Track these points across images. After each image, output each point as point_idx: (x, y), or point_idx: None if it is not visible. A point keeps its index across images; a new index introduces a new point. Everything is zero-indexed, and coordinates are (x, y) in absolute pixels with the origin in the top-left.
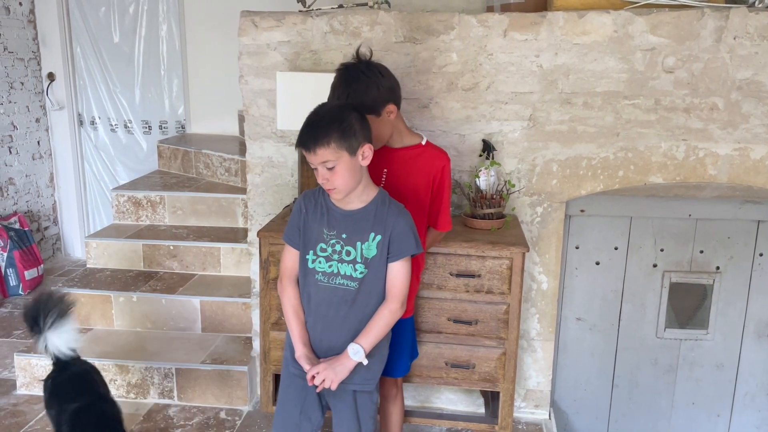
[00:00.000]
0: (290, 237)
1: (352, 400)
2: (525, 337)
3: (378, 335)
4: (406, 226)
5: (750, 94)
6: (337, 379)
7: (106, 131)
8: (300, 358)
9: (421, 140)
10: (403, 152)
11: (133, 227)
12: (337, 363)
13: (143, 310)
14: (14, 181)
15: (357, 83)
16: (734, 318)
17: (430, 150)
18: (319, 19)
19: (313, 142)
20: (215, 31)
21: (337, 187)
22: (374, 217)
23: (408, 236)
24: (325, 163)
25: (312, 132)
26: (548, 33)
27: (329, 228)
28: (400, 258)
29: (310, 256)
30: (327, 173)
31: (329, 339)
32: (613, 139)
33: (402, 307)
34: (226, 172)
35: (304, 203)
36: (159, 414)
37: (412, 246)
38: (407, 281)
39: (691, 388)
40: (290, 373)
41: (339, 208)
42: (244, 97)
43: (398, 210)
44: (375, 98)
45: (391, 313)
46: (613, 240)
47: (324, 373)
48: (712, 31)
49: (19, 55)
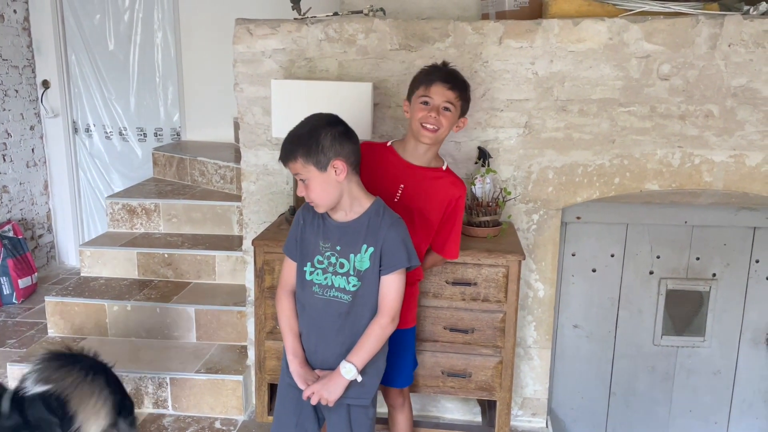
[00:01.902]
0: (289, 249)
1: (346, 414)
2: (522, 345)
3: (370, 351)
4: (397, 238)
5: (745, 101)
6: (332, 398)
7: (101, 139)
8: (294, 375)
9: (443, 164)
10: (423, 171)
11: (127, 235)
12: (330, 382)
13: (138, 319)
14: (8, 189)
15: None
16: (731, 325)
17: (450, 176)
18: (314, 27)
19: (284, 157)
20: (210, 39)
21: (313, 200)
22: (367, 228)
23: (399, 249)
24: (298, 175)
25: (284, 146)
26: (543, 40)
27: (324, 240)
28: (392, 271)
29: (307, 267)
30: (302, 186)
31: (323, 351)
32: (609, 147)
33: (393, 322)
34: (221, 180)
35: (303, 215)
36: (153, 424)
37: (404, 259)
38: (399, 295)
39: (688, 395)
40: (286, 384)
41: (333, 220)
42: (239, 104)
43: (391, 221)
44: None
45: (381, 328)
46: (610, 247)
47: (319, 392)
48: (706, 38)
49: (14, 63)
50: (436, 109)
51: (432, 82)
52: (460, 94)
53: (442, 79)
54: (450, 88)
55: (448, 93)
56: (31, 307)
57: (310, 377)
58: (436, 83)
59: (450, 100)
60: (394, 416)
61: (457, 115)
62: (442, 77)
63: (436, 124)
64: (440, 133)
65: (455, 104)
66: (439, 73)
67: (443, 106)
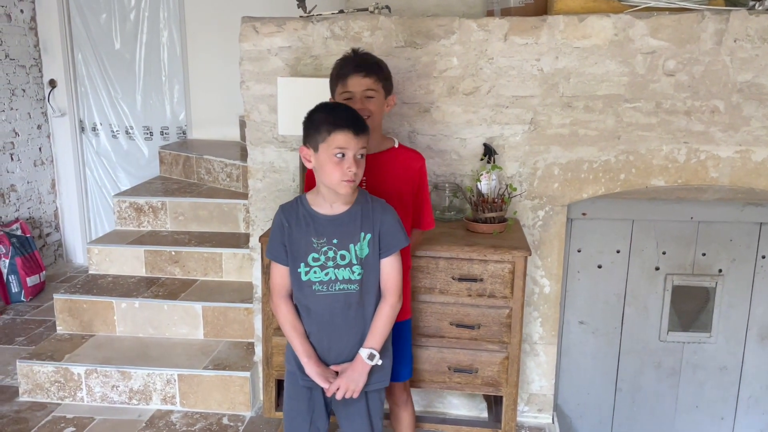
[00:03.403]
0: (276, 254)
1: (364, 402)
2: (527, 340)
3: (384, 333)
4: (393, 220)
5: (751, 96)
6: (359, 388)
7: (108, 137)
8: (313, 376)
9: (393, 144)
10: (377, 157)
11: (134, 233)
12: (354, 373)
13: (145, 316)
14: (16, 188)
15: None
16: (737, 321)
17: (405, 152)
18: (320, 25)
19: (362, 70)
20: (216, 37)
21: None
22: (362, 216)
23: (397, 230)
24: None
25: (359, 64)
26: (549, 37)
27: (318, 236)
28: (391, 253)
29: (302, 269)
30: (354, 162)
31: (338, 346)
32: (615, 143)
33: (400, 299)
34: (227, 178)
35: (285, 218)
36: (161, 420)
37: (402, 239)
38: (400, 274)
39: (695, 391)
40: (299, 386)
41: (324, 215)
42: (245, 102)
43: (382, 206)
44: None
45: (392, 308)
46: (615, 243)
47: (345, 386)
48: (712, 34)
49: (21, 62)
50: (360, 100)
51: (347, 75)
52: (377, 76)
53: (355, 69)
54: (365, 75)
55: (365, 81)
56: (39, 305)
57: (329, 374)
58: (351, 75)
59: (369, 87)
60: (397, 413)
61: (383, 97)
62: (355, 68)
63: (365, 113)
64: (373, 119)
65: (375, 88)
66: (351, 65)
67: (365, 95)
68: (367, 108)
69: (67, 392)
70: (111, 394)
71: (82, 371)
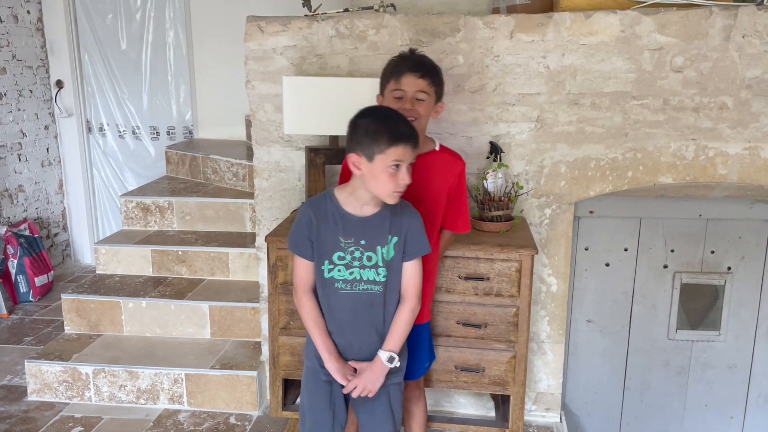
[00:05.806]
0: (302, 249)
1: (386, 396)
2: (535, 339)
3: (404, 336)
4: (419, 226)
5: (760, 92)
6: (375, 389)
7: (115, 138)
8: (332, 372)
9: (434, 146)
10: (418, 159)
11: (141, 233)
12: (373, 375)
13: (152, 316)
14: (24, 189)
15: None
16: (746, 319)
17: (446, 154)
18: (325, 24)
19: (418, 70)
20: (221, 37)
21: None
22: (390, 219)
23: (422, 236)
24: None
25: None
26: (555, 34)
27: (346, 235)
28: (414, 257)
29: (326, 266)
30: (405, 173)
31: (359, 343)
32: (622, 140)
33: (419, 302)
34: (233, 177)
35: (313, 214)
36: (169, 419)
37: (426, 245)
38: (421, 278)
39: (704, 389)
40: (320, 381)
41: (354, 215)
42: (250, 102)
43: (410, 210)
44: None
45: (412, 312)
46: (623, 241)
47: (361, 385)
48: (720, 29)
49: (28, 63)
50: (410, 101)
51: (402, 73)
52: (431, 80)
53: (411, 68)
54: (421, 76)
55: (419, 82)
56: (47, 305)
57: (348, 371)
58: (406, 74)
59: (422, 89)
60: (410, 409)
61: (433, 102)
62: (411, 67)
63: (413, 115)
64: (419, 122)
65: (428, 92)
66: (408, 63)
67: (416, 97)
68: (416, 110)
69: (75, 392)
70: (119, 394)
71: (90, 371)
